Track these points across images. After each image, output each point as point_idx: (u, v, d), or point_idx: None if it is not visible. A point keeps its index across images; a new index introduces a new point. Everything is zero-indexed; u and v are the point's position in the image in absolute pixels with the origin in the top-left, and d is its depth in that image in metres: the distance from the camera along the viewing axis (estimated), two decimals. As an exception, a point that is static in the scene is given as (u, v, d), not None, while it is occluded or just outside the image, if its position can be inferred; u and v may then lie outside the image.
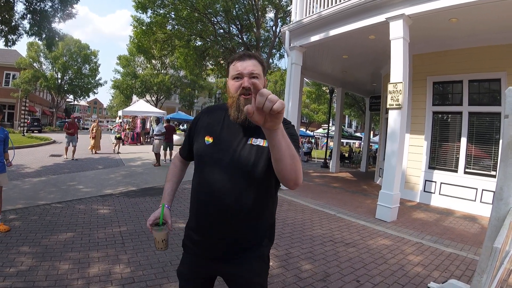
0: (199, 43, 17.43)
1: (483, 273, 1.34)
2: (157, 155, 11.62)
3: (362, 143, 23.34)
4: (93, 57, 42.83)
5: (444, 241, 5.09)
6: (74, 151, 12.09)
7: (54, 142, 19.28)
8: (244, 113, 1.44)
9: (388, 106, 6.35)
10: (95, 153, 14.49)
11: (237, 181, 1.47)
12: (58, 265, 3.30)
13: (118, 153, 15.10)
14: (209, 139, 1.56)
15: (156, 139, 12.10)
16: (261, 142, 1.50)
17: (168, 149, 12.76)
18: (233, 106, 1.49)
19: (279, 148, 1.14)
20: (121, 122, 20.94)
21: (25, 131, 22.87)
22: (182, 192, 7.09)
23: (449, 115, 8.12)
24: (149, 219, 1.64)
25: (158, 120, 13.42)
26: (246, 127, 1.51)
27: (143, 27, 16.00)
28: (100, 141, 15.06)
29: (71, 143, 11.90)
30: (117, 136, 16.63)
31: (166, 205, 1.71)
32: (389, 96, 6.27)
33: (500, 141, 6.23)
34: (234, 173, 1.47)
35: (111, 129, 36.86)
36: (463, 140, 7.57)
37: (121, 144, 16.23)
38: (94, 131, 14.40)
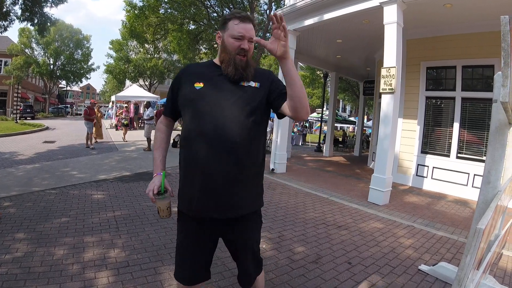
0: (192, 26, 17.26)
1: (468, 254, 1.38)
2: (148, 139, 11.55)
3: (356, 128, 23.37)
4: (85, 42, 42.28)
5: (436, 224, 5.18)
6: (91, 138, 11.93)
7: (47, 128, 19.12)
8: (240, 71, 1.57)
9: (381, 91, 6.34)
10: (96, 141, 13.25)
11: (233, 117, 1.53)
12: (53, 251, 3.32)
13: (126, 141, 14.30)
14: (199, 85, 1.61)
15: (146, 123, 12.03)
16: (252, 83, 1.62)
17: None
18: (230, 64, 1.57)
19: (291, 74, 1.46)
20: (126, 107, 19.10)
21: (18, 118, 22.63)
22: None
23: (442, 100, 8.13)
24: (149, 189, 1.62)
25: (148, 104, 13.12)
26: (238, 79, 1.60)
27: (136, 11, 15.80)
28: (101, 129, 14.12)
29: (88, 129, 11.64)
30: (125, 123, 15.48)
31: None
32: (382, 81, 6.26)
33: (492, 126, 6.27)
34: (229, 110, 1.54)
35: (104, 115, 36.25)
36: (456, 126, 7.62)
37: (127, 130, 15.39)
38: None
